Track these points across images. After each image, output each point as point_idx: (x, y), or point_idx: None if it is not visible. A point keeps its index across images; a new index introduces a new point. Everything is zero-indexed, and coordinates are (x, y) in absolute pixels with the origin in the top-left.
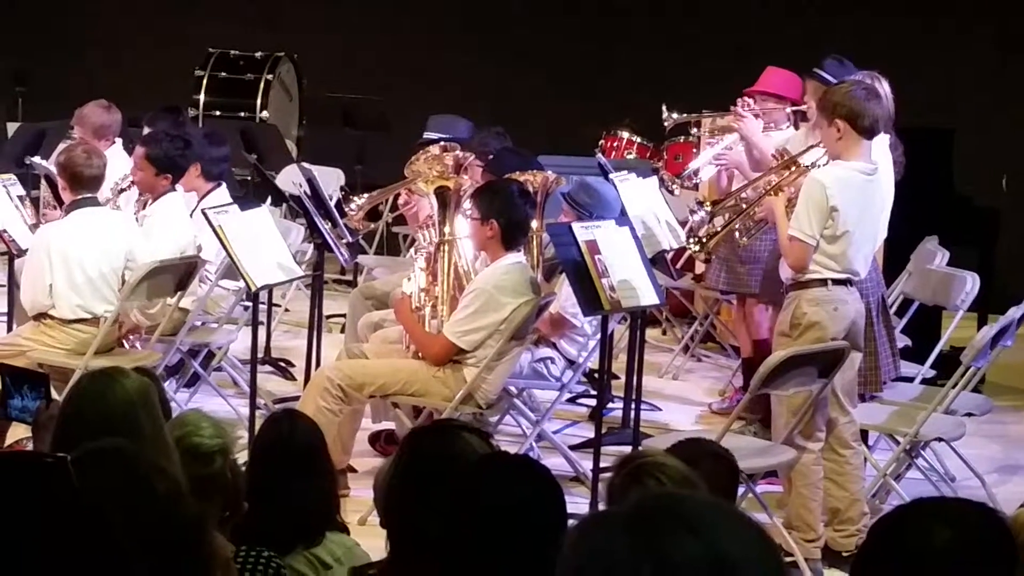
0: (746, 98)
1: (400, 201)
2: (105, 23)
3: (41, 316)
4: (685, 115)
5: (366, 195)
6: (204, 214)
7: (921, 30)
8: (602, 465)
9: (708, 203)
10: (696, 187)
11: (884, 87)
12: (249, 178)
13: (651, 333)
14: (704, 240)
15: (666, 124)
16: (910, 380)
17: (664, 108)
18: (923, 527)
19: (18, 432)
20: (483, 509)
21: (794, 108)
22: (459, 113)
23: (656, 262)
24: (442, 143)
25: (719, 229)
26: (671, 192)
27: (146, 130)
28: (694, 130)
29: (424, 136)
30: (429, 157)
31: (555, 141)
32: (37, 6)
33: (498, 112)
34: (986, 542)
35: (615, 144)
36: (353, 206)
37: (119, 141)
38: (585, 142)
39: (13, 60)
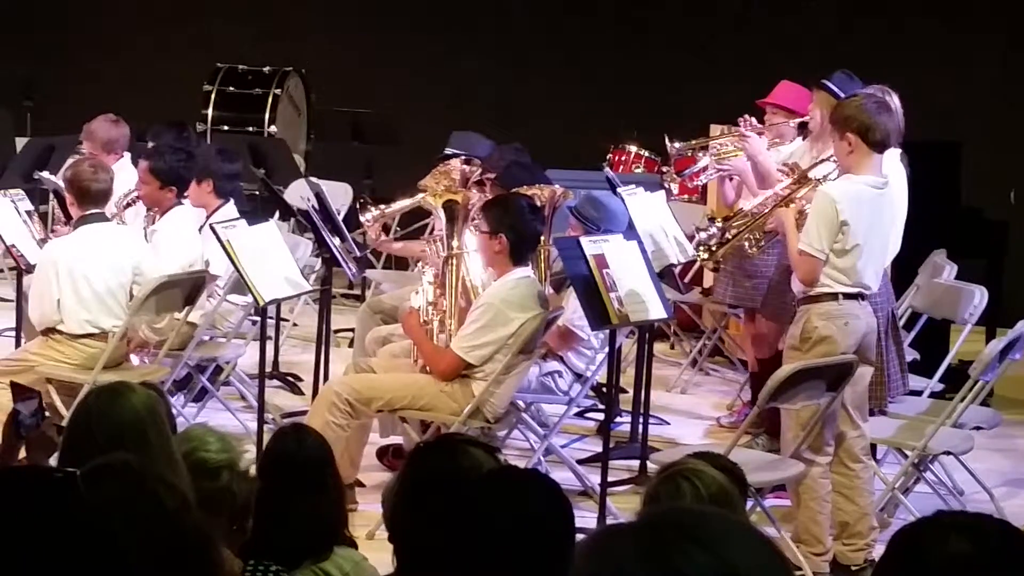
0: (749, 117)
1: (372, 236)
2: (114, 38)
3: (49, 331)
4: (688, 142)
5: (383, 206)
6: (212, 229)
7: (929, 43)
8: (610, 479)
9: (720, 219)
10: (703, 197)
11: (894, 100)
12: (257, 193)
13: (659, 347)
14: (713, 248)
15: (671, 155)
16: (918, 394)
17: (667, 139)
18: (942, 539)
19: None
20: (491, 523)
21: (798, 121)
22: (467, 127)
23: (664, 276)
24: (465, 158)
25: (729, 238)
26: (668, 190)
27: (151, 145)
28: (700, 154)
29: (445, 151)
30: (438, 172)
31: (564, 154)
32: (46, 21)
33: (507, 126)
34: (1005, 556)
35: (623, 158)
36: (369, 216)
37: (127, 155)
38: (594, 156)
39: (22, 74)
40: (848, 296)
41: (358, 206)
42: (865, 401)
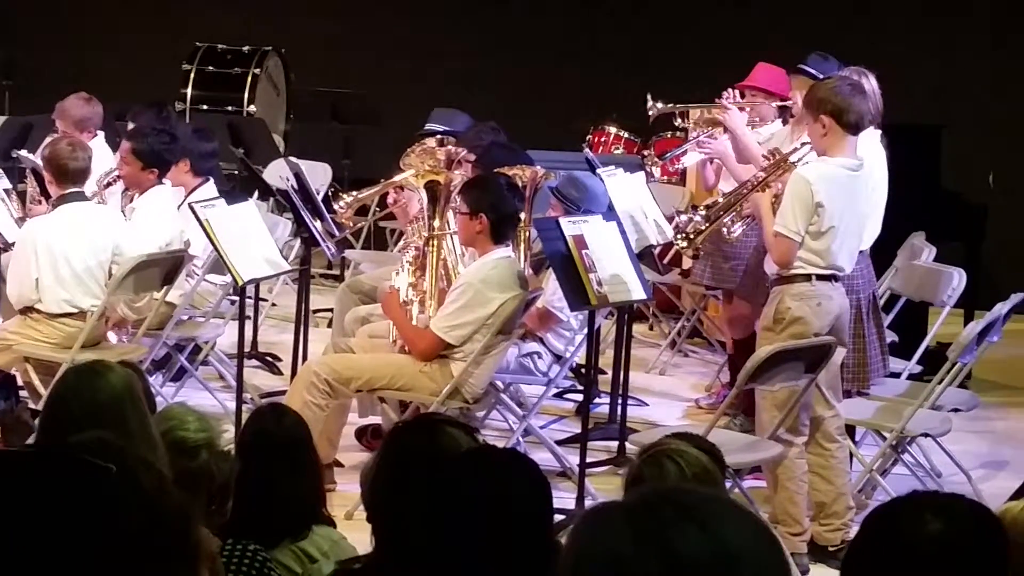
0: (731, 90)
1: (389, 200)
2: (93, 17)
3: (27, 310)
4: (670, 104)
5: (355, 192)
6: (191, 208)
7: (911, 27)
8: (589, 460)
9: (702, 208)
10: (683, 179)
11: (871, 82)
12: (236, 172)
13: (638, 328)
14: (691, 236)
15: (650, 114)
16: (897, 376)
17: (649, 97)
18: (915, 519)
19: None
20: (469, 502)
21: (780, 104)
22: (447, 107)
23: (643, 257)
24: (438, 136)
25: (706, 225)
26: (650, 173)
27: (130, 125)
28: (679, 121)
29: (425, 127)
30: (422, 151)
31: (545, 135)
32: (24, 0)
33: (487, 106)
34: (977, 536)
35: (603, 139)
36: (342, 203)
37: (101, 134)
38: (574, 137)
39: (0, 54)
40: (821, 277)
41: (330, 195)
42: (838, 381)
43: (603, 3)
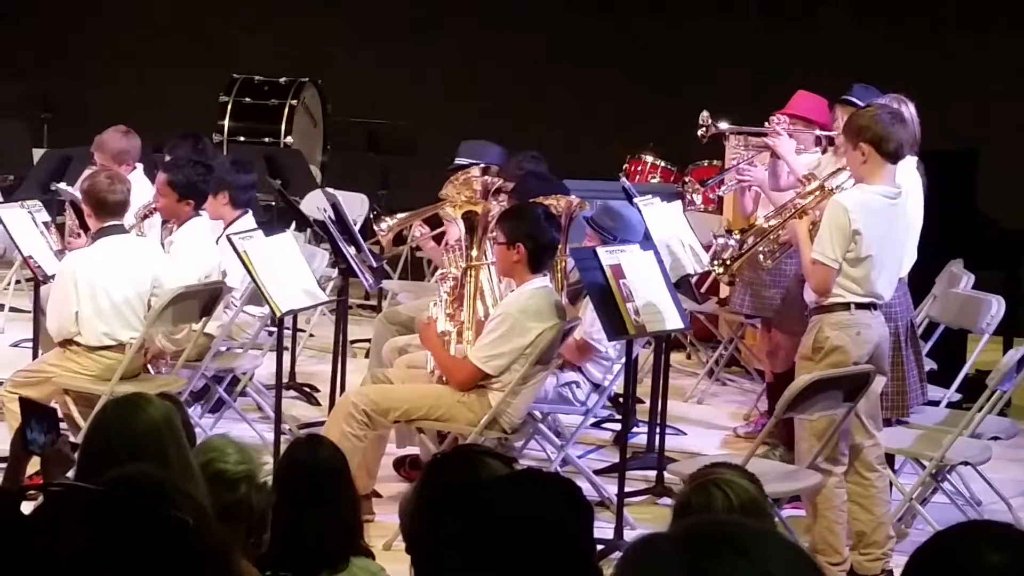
0: (779, 115)
1: (416, 233)
2: (130, 49)
3: (67, 342)
4: (727, 125)
5: (398, 215)
6: (229, 240)
7: (946, 51)
8: (627, 490)
9: (737, 232)
10: (720, 207)
11: (910, 109)
12: (274, 203)
13: (676, 357)
14: (728, 262)
15: (700, 132)
16: (936, 404)
17: (706, 115)
18: (969, 550)
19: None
20: (507, 526)
21: (823, 134)
22: (484, 137)
23: (680, 286)
24: (483, 166)
25: (742, 251)
26: (690, 200)
27: (167, 157)
28: (729, 159)
29: (455, 162)
30: (460, 182)
31: (582, 165)
32: (63, 32)
33: (524, 136)
34: None
35: (639, 168)
36: (383, 226)
37: (139, 166)
38: (610, 166)
39: (39, 86)
40: (860, 306)
41: (372, 217)
42: (878, 410)
43: (638, 31)
